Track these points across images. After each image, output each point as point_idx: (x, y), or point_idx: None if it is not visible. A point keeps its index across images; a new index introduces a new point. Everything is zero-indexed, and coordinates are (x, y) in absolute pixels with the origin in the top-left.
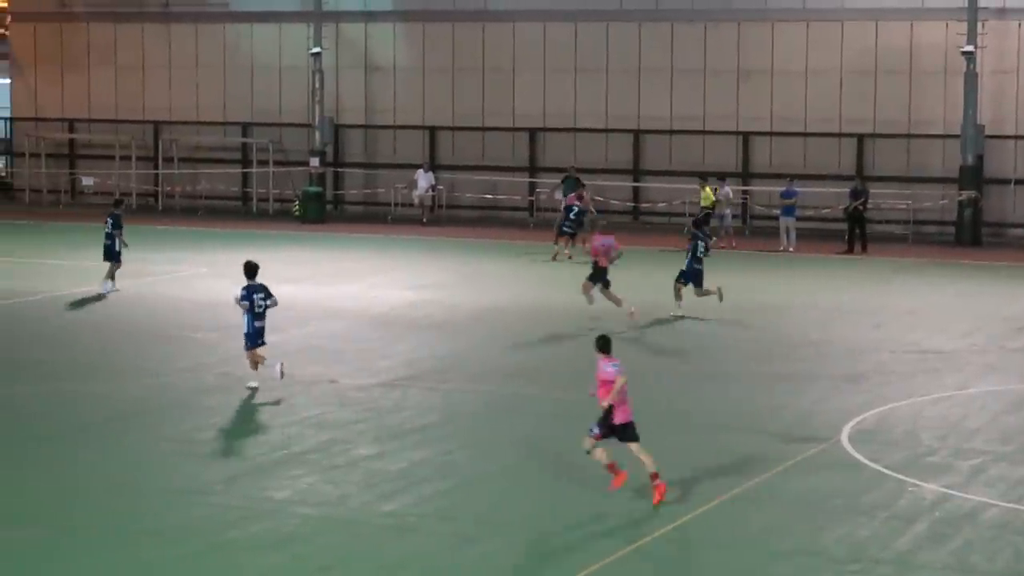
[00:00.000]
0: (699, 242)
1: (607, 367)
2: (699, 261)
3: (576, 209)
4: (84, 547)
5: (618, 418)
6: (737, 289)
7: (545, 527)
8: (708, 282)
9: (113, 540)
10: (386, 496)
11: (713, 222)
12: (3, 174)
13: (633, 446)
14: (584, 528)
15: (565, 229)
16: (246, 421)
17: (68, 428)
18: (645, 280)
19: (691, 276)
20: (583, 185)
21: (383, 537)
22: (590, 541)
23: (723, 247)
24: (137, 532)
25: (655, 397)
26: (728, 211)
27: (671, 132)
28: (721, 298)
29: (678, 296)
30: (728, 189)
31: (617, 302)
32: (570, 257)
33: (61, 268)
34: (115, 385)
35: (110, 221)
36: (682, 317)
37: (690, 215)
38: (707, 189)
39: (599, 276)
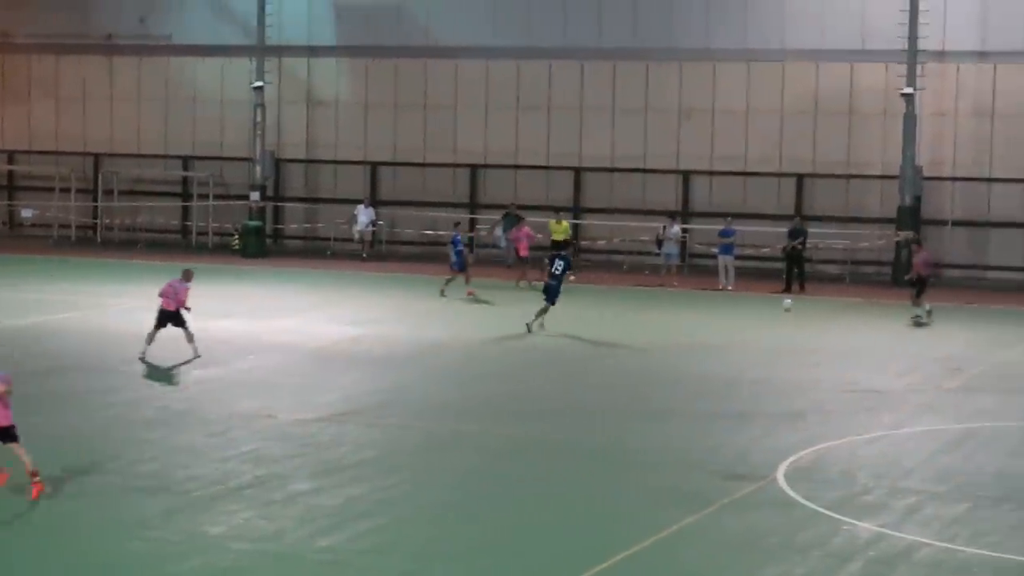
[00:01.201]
0: (556, 260)
1: None
2: (553, 277)
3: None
4: None
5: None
6: (676, 327)
7: (481, 563)
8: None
9: (51, 574)
10: (323, 531)
11: (658, 260)
12: None
13: (14, 446)
14: (520, 565)
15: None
16: (183, 455)
17: (6, 460)
18: (583, 316)
19: (546, 291)
20: (521, 218)
21: (319, 573)
22: None
23: (661, 284)
24: (75, 566)
25: (593, 433)
26: (675, 250)
27: (612, 170)
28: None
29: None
30: (678, 228)
31: (149, 339)
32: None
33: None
34: (54, 417)
35: None
36: (530, 331)
37: (630, 252)
38: (564, 223)
39: (173, 320)
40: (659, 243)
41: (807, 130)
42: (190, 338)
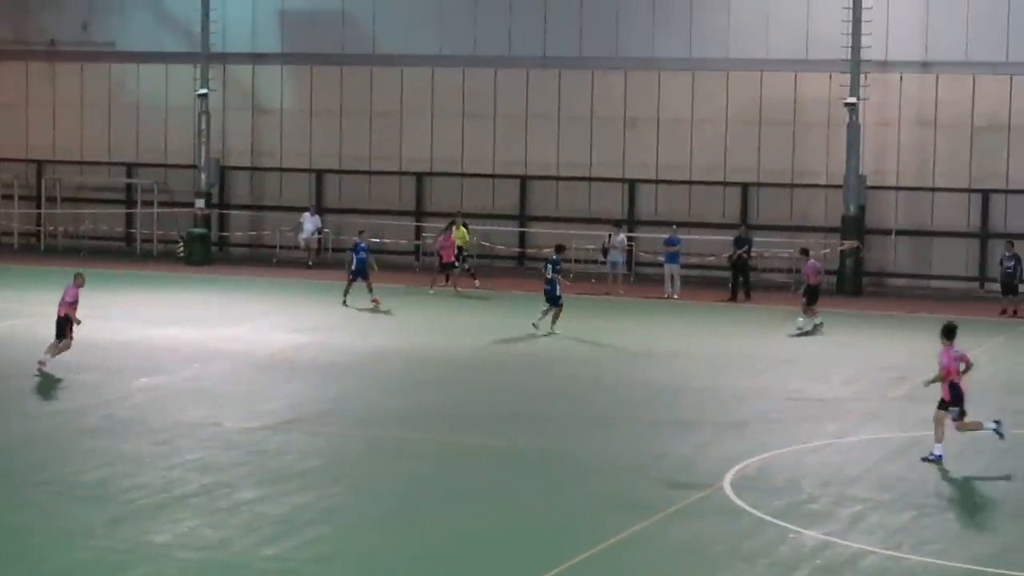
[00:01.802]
0: (548, 264)
1: None
2: (547, 282)
3: (365, 249)
4: None
5: None
6: (622, 335)
7: (427, 572)
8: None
9: None
10: (268, 540)
11: (604, 268)
12: None
13: None
14: (465, 573)
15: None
16: (129, 463)
17: None
18: (529, 325)
19: (545, 297)
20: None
21: None
22: None
23: (608, 293)
24: (20, 575)
25: (539, 441)
26: (621, 258)
27: (558, 179)
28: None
29: (542, 316)
30: (623, 236)
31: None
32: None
33: None
34: None
35: None
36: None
37: (576, 261)
38: (462, 229)
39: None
40: (605, 251)
41: (751, 139)
42: (54, 348)
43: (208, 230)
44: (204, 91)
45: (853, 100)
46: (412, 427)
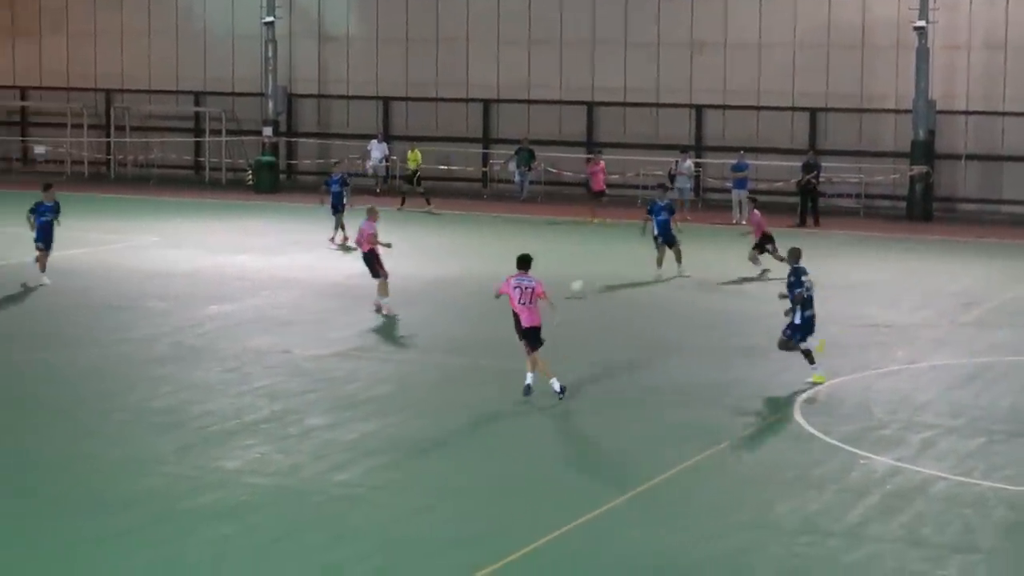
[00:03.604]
0: (656, 206)
1: None
2: (658, 212)
3: (338, 182)
4: (36, 515)
5: None
6: (691, 262)
7: (496, 498)
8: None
9: (66, 509)
10: (338, 466)
11: (671, 194)
12: None
13: None
14: (536, 499)
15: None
16: (198, 391)
17: (21, 397)
18: (597, 252)
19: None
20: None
21: (335, 507)
22: (542, 512)
23: (677, 220)
24: (90, 501)
25: (609, 369)
26: (688, 184)
27: (625, 104)
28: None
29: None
30: (690, 162)
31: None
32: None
33: (11, 236)
34: (68, 354)
35: None
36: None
37: (643, 187)
38: (415, 151)
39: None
40: (672, 178)
41: (820, 63)
42: (381, 289)
43: (276, 158)
44: (270, 19)
45: (922, 23)
46: (482, 355)
